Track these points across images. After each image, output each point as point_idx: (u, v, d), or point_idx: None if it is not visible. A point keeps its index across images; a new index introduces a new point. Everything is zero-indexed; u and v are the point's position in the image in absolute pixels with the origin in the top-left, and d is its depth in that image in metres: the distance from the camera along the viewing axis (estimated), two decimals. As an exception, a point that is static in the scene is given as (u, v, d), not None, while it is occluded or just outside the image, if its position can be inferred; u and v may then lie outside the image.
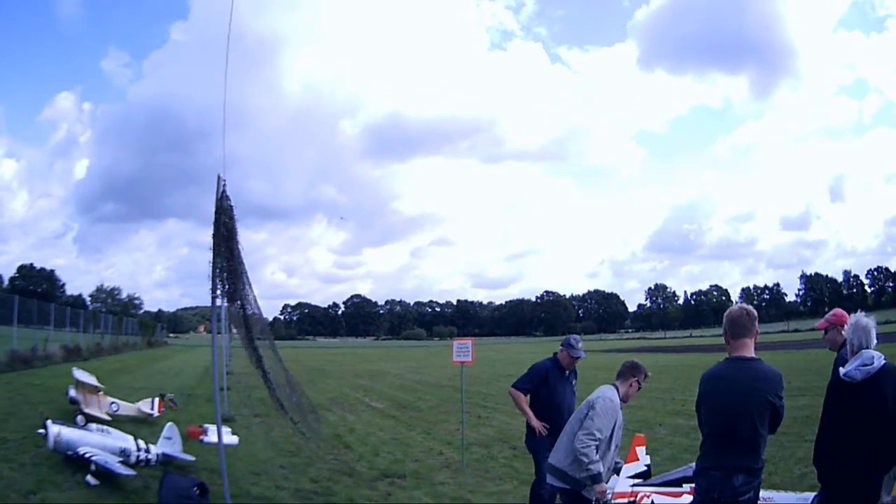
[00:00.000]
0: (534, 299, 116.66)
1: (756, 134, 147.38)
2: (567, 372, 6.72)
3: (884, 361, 3.80)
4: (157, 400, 12.69)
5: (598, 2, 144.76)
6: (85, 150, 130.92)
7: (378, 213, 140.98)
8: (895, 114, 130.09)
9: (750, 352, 3.64)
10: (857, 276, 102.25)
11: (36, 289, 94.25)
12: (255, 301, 7.08)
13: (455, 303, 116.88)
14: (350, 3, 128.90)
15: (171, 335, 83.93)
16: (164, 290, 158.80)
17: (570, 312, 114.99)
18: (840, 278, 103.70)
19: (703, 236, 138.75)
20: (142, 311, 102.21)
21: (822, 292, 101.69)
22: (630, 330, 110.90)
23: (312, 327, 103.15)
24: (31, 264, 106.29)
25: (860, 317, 4.11)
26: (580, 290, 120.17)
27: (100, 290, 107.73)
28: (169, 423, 8.55)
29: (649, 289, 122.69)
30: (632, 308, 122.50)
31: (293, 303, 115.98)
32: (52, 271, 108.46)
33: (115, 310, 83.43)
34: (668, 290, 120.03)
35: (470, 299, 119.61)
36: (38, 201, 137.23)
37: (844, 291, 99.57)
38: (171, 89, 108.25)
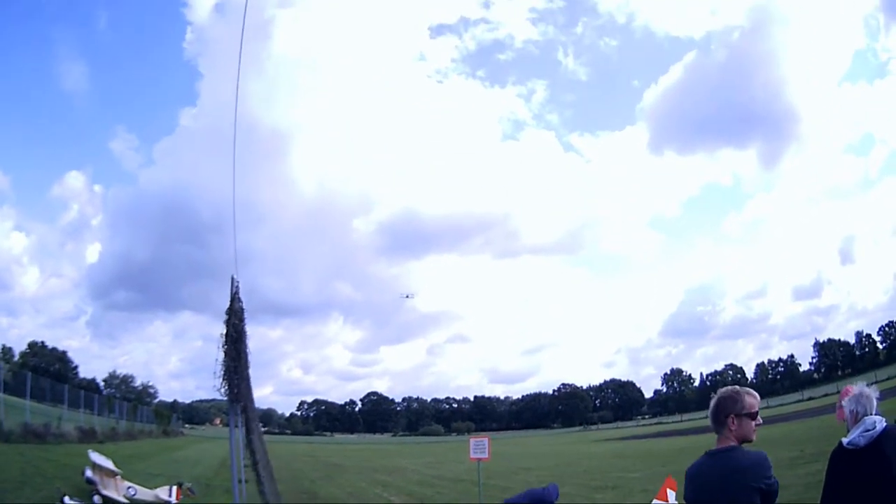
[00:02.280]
0: (551, 392, 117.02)
1: (765, 206, 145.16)
2: None
3: (885, 425, 3.82)
4: (175, 488, 12.64)
5: (608, 84, 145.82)
6: (97, 233, 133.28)
7: (394, 311, 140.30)
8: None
9: (729, 441, 3.51)
10: (868, 335, 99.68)
11: (48, 367, 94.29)
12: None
13: (472, 398, 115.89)
14: (361, 98, 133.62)
15: (186, 426, 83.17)
16: (179, 381, 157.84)
17: (588, 403, 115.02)
18: (853, 340, 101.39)
19: (717, 317, 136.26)
20: (156, 401, 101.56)
21: (836, 357, 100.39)
22: (647, 416, 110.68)
23: (330, 423, 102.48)
24: (43, 343, 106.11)
25: (861, 387, 4.11)
26: (597, 381, 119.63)
27: (113, 375, 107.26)
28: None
29: (665, 374, 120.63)
30: (648, 394, 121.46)
31: (310, 399, 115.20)
32: (64, 352, 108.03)
33: (129, 396, 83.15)
34: (684, 373, 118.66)
35: (487, 395, 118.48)
36: (50, 280, 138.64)
37: (857, 352, 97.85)
38: (183, 178, 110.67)
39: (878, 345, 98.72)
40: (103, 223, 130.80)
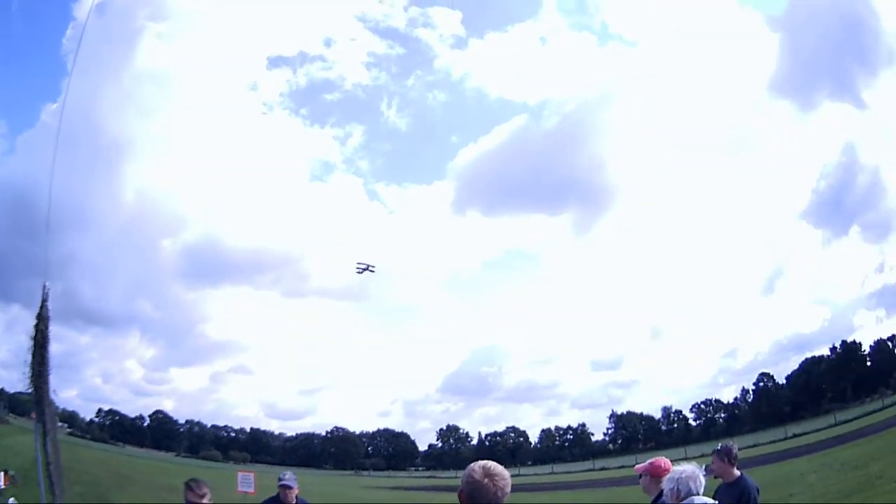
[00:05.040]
0: (324, 433, 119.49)
1: (571, 275, 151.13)
2: None
3: None
4: (2, 474, 15.07)
5: (426, 138, 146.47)
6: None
7: (186, 335, 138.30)
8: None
9: None
10: (679, 412, 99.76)
11: None
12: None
13: (248, 430, 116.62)
14: (195, 120, 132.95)
15: (11, 415, 79.45)
16: (6, 370, 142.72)
17: (360, 449, 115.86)
18: (658, 415, 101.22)
19: (502, 379, 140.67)
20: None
21: (636, 430, 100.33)
22: (420, 468, 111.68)
23: (122, 434, 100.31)
24: None
25: (685, 467, 4.14)
26: (371, 428, 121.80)
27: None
28: (11, 499, 9.72)
29: (441, 429, 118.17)
30: (422, 447, 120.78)
31: (106, 408, 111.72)
32: None
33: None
34: (461, 431, 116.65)
35: (263, 428, 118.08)
36: None
37: (664, 427, 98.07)
38: (34, 173, 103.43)
39: (691, 421, 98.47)
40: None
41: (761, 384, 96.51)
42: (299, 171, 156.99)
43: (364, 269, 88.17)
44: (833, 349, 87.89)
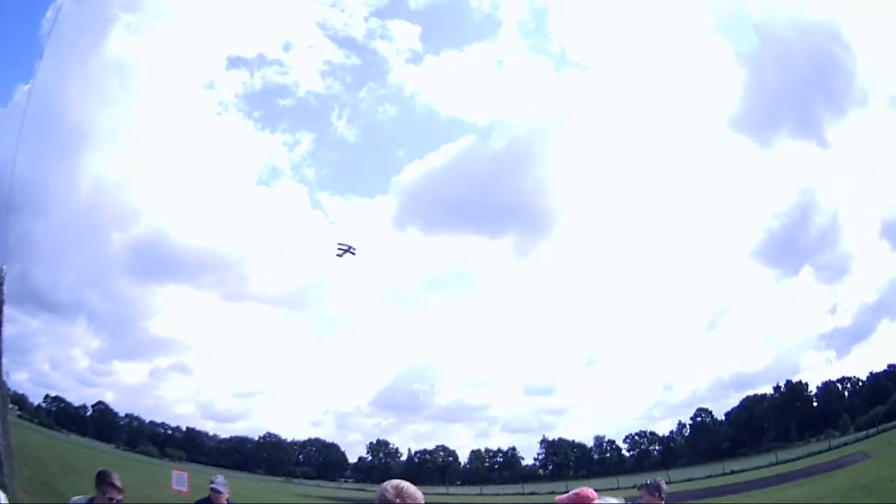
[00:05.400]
0: (257, 438, 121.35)
1: (509, 298, 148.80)
2: None
3: None
4: None
5: (373, 151, 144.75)
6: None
7: (130, 329, 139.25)
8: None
9: None
10: (612, 441, 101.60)
11: None
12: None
13: (185, 429, 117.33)
14: (154, 114, 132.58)
15: None
16: None
17: (291, 456, 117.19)
18: (590, 443, 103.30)
19: (433, 397, 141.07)
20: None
21: (567, 457, 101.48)
22: (350, 480, 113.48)
23: (66, 422, 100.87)
24: None
25: (610, 500, 4.04)
26: (302, 436, 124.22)
27: None
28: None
29: (371, 443, 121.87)
30: (352, 459, 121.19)
31: (53, 394, 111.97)
32: None
33: None
34: (391, 446, 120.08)
35: (199, 428, 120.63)
36: None
37: (596, 456, 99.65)
38: (1, 153, 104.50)
39: (625, 452, 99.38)
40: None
41: (699, 419, 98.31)
42: (247, 175, 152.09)
43: (345, 251, 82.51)
44: (777, 388, 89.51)
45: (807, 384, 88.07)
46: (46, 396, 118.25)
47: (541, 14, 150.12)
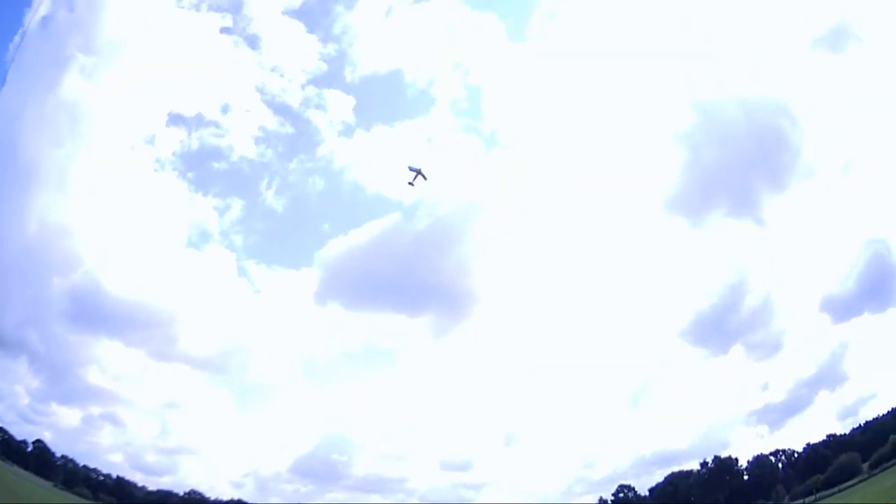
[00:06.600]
0: (182, 493, 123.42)
1: (426, 376, 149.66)
2: None
3: None
4: None
5: (299, 222, 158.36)
6: None
7: (66, 375, 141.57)
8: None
9: None
10: None
11: None
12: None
13: (115, 477, 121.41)
14: (104, 161, 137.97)
15: None
16: None
17: None
18: None
19: (351, 468, 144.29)
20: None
21: None
22: None
23: (9, 453, 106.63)
24: None
25: None
26: (225, 496, 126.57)
27: None
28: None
29: None
30: None
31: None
32: None
33: None
34: None
35: (128, 478, 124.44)
36: None
37: None
38: None
39: None
40: None
41: (621, 495, 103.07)
42: (178, 235, 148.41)
43: (416, 175, 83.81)
44: (704, 464, 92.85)
45: (736, 459, 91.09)
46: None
47: (474, 92, 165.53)
